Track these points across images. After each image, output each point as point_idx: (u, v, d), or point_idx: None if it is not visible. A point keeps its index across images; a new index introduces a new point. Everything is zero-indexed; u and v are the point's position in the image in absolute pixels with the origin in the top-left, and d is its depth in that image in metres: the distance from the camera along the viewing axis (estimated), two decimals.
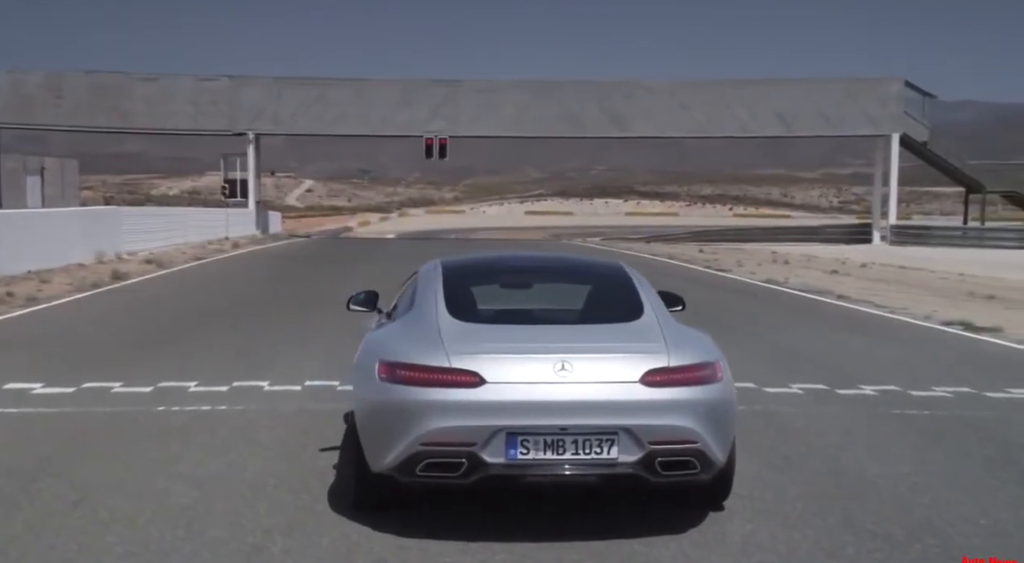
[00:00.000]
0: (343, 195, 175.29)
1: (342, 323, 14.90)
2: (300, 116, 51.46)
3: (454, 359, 5.46)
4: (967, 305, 17.92)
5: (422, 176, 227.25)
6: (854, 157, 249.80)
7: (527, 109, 50.31)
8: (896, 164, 49.21)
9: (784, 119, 50.22)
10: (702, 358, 5.61)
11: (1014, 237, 47.48)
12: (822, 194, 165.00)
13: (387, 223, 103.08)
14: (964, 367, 11.28)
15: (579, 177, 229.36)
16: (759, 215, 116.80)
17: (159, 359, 11.54)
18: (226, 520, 5.85)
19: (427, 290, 6.31)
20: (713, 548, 5.36)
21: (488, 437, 5.30)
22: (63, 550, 5.40)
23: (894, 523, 5.69)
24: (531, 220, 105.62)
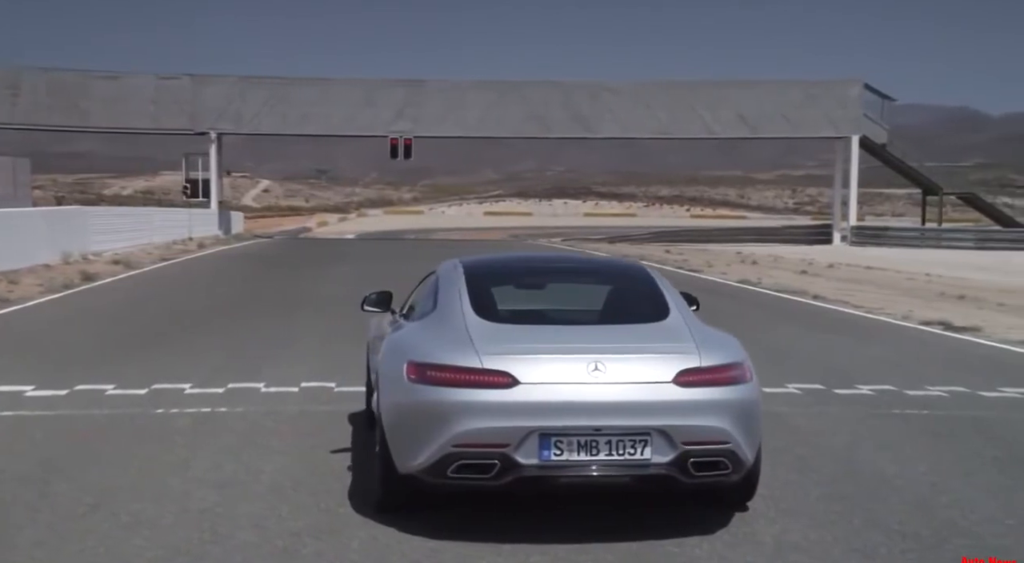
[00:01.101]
0: (300, 195, 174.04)
1: (327, 324, 14.92)
2: (263, 116, 51.07)
3: (486, 359, 5.44)
4: (940, 305, 18.18)
5: (380, 176, 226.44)
6: (807, 159, 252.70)
7: (492, 109, 50.34)
8: (856, 166, 49.83)
9: (746, 121, 50.67)
10: (732, 358, 5.65)
11: (971, 238, 48.33)
12: (777, 195, 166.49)
13: (346, 224, 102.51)
14: (953, 367, 11.44)
15: (536, 178, 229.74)
16: (716, 216, 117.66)
17: (147, 361, 11.41)
18: (251, 523, 5.80)
19: (450, 290, 6.29)
20: (747, 548, 5.37)
21: (522, 438, 5.28)
22: (91, 554, 5.33)
23: (920, 524, 5.73)
24: (490, 221, 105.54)
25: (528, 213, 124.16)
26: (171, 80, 51.76)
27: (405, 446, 5.60)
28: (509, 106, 50.46)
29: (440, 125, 50.38)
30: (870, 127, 49.93)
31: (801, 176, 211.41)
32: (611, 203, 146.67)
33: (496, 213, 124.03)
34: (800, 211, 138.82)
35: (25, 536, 5.58)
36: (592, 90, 51.76)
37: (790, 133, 52.49)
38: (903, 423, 8.43)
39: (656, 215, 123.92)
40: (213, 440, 7.80)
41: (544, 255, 7.08)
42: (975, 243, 46.42)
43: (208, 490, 6.45)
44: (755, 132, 51.85)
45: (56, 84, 51.16)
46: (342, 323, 15.17)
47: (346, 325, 14.84)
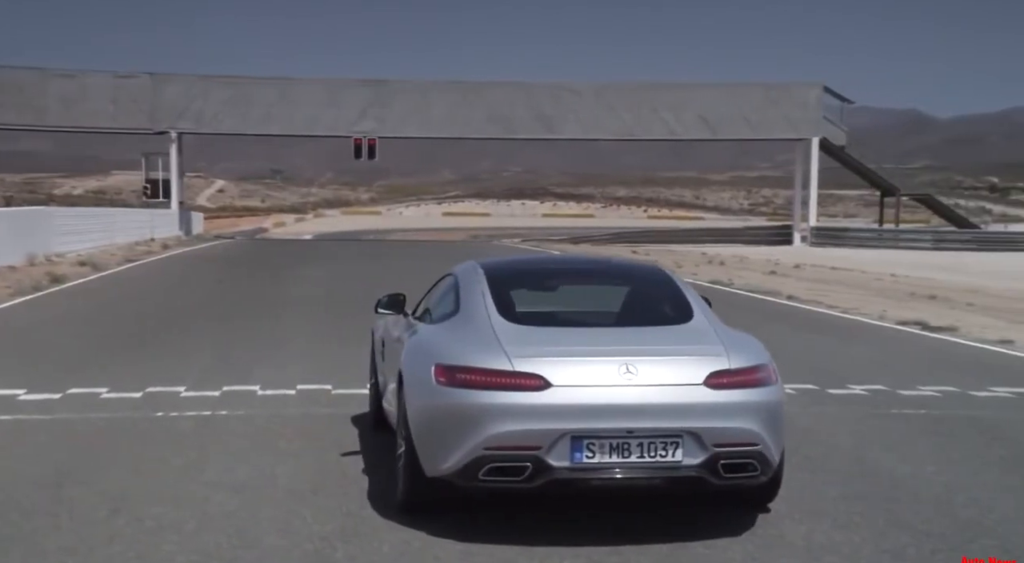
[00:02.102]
0: (256, 195, 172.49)
1: (311, 326, 14.86)
2: (224, 115, 50.63)
3: (517, 362, 5.45)
4: (912, 305, 18.47)
5: (335, 177, 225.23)
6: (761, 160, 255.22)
7: (456, 110, 50.32)
8: (816, 167, 50.42)
9: (708, 122, 51.08)
10: (758, 360, 5.71)
11: (928, 238, 49.15)
12: (732, 196, 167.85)
13: (303, 224, 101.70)
14: (939, 366, 11.64)
15: (494, 179, 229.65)
16: (673, 217, 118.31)
17: (135, 363, 11.32)
18: (276, 527, 5.78)
19: (472, 292, 6.28)
20: (779, 550, 5.40)
21: (554, 441, 5.30)
22: (122, 560, 5.29)
23: (943, 524, 5.80)
24: (449, 221, 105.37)
25: (486, 214, 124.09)
26: (130, 79, 51.12)
27: (434, 449, 5.59)
28: (473, 107, 50.48)
29: (404, 125, 50.26)
30: (829, 129, 50.55)
31: (755, 177, 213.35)
32: (569, 204, 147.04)
33: (454, 214, 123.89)
34: (755, 212, 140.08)
35: (52, 542, 5.52)
36: (555, 91, 51.90)
37: (751, 135, 53.00)
38: (903, 423, 8.55)
39: (614, 216, 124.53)
40: (221, 443, 7.76)
41: (560, 257, 7.08)
42: (932, 244, 47.20)
43: (226, 494, 6.41)
44: (716, 134, 52.29)
45: (9, 81, 50.29)
46: (326, 325, 15.14)
47: (331, 327, 14.83)
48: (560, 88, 52.45)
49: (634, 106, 50.71)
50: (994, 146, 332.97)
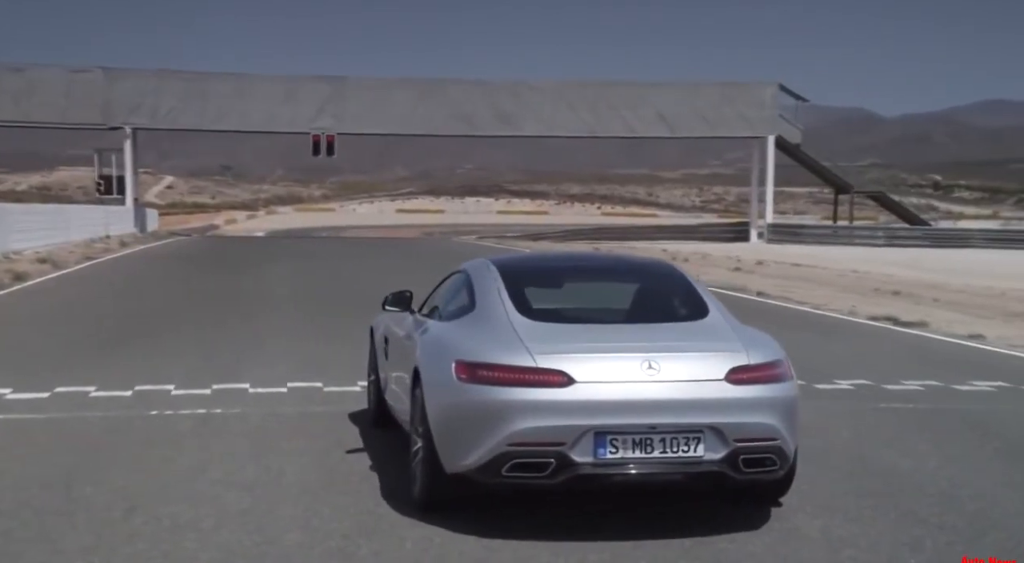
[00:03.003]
0: (206, 192, 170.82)
1: (289, 324, 14.79)
2: (179, 111, 50.09)
3: (540, 359, 5.48)
4: (880, 301, 18.76)
5: (287, 173, 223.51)
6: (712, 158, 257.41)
7: (416, 107, 50.19)
8: (772, 165, 50.97)
9: (666, 120, 51.42)
10: (775, 356, 5.79)
11: (881, 235, 49.97)
12: (685, 194, 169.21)
13: (255, 221, 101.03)
14: (917, 361, 11.84)
15: (447, 176, 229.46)
16: (627, 214, 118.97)
17: (118, 362, 11.24)
18: (296, 524, 5.77)
19: (487, 290, 6.30)
20: (798, 544, 5.46)
21: (578, 437, 5.34)
22: (145, 558, 5.26)
23: (953, 517, 5.89)
24: (403, 218, 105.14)
25: (441, 210, 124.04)
26: (82, 73, 50.38)
27: (454, 445, 5.61)
28: (432, 104, 50.39)
29: (363, 122, 50.05)
30: (785, 127, 51.11)
31: (707, 175, 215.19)
32: (523, 201, 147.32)
33: (408, 211, 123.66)
34: (707, 209, 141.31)
35: (70, 541, 5.48)
36: (515, 89, 51.96)
37: (708, 133, 53.45)
38: (894, 417, 8.70)
39: (568, 213, 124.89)
40: (222, 442, 7.72)
41: (570, 254, 7.12)
42: (885, 240, 48.00)
43: (238, 492, 6.39)
44: (674, 132, 52.68)
45: None
46: (303, 323, 15.08)
47: (309, 325, 14.78)
48: (520, 86, 52.52)
49: (593, 104, 50.94)
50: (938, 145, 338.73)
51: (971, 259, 35.70)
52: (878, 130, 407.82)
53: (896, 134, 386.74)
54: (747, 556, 5.29)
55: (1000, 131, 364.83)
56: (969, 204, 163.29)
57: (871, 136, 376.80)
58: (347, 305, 17.66)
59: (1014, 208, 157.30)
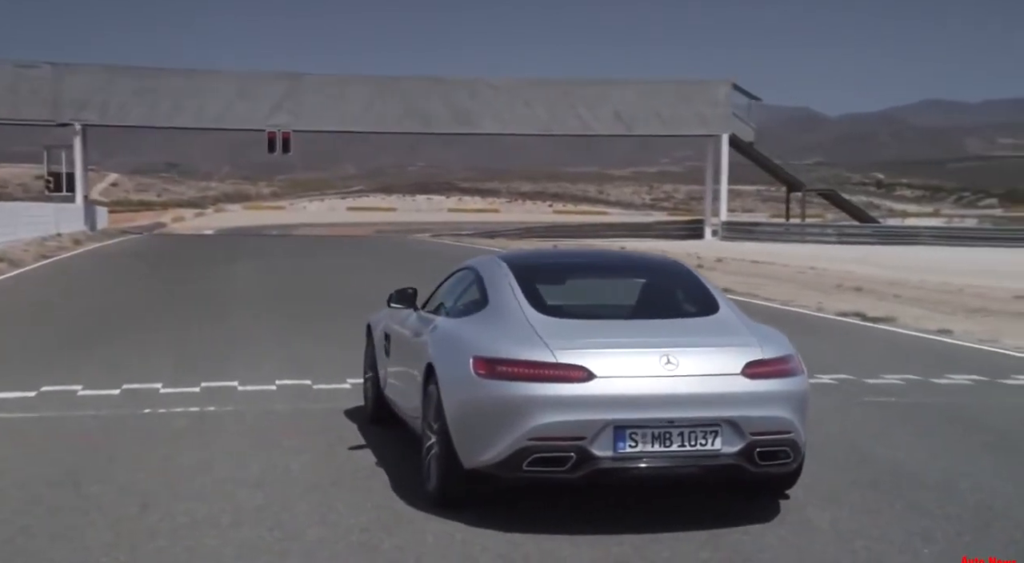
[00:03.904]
0: (152, 190, 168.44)
1: (264, 322, 14.72)
2: (131, 107, 49.37)
3: (559, 354, 5.55)
4: (844, 297, 19.06)
5: (234, 171, 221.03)
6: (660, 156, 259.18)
7: (372, 104, 49.97)
8: (726, 163, 51.48)
9: (622, 118, 51.70)
10: (787, 350, 5.91)
11: (832, 233, 50.71)
12: (635, 191, 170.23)
13: (203, 219, 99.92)
14: (892, 355, 12.07)
15: (398, 173, 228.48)
16: (578, 212, 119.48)
17: (100, 361, 11.17)
18: (313, 520, 5.79)
19: (500, 286, 6.36)
20: (811, 535, 5.57)
21: (598, 431, 5.41)
22: (170, 554, 5.27)
23: (958, 508, 6.03)
24: (354, 216, 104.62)
25: (392, 208, 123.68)
26: (31, 69, 49.44)
27: (473, 441, 5.66)
28: (389, 101, 50.19)
29: (319, 119, 49.73)
30: (738, 126, 51.61)
31: (656, 173, 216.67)
32: (474, 198, 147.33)
33: (359, 208, 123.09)
34: (657, 207, 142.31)
35: (90, 538, 5.48)
36: (472, 86, 51.90)
37: (663, 131, 53.81)
38: (880, 411, 8.88)
39: (520, 211, 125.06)
40: (222, 440, 7.71)
41: (578, 251, 7.19)
42: (836, 238, 48.69)
43: (248, 489, 6.39)
44: (630, 129, 52.98)
45: None
46: (280, 321, 15.04)
47: (286, 323, 14.75)
48: (477, 83, 52.47)
49: (551, 102, 51.06)
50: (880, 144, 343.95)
51: (921, 256, 36.34)
52: (822, 129, 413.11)
53: (840, 133, 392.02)
54: (763, 548, 5.38)
55: (940, 131, 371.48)
56: (911, 202, 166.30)
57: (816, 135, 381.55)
58: (320, 303, 17.64)
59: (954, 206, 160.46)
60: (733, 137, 51.12)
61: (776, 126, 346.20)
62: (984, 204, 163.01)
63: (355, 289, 20.62)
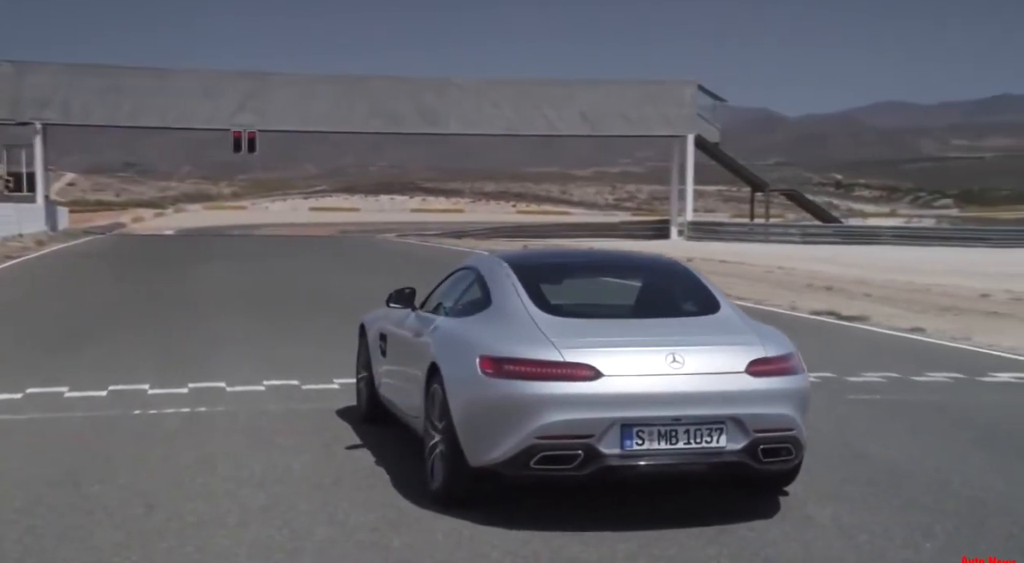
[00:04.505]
0: (110, 189, 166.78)
1: (243, 323, 14.67)
2: (93, 106, 48.84)
3: (566, 353, 5.60)
4: (816, 296, 19.29)
5: (194, 170, 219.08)
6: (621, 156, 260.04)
7: (339, 104, 49.77)
8: (692, 163, 51.83)
9: (588, 119, 51.90)
10: (789, 349, 6.01)
11: (796, 233, 51.21)
12: (598, 192, 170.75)
13: (163, 219, 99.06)
14: (871, 353, 12.24)
15: (360, 173, 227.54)
16: (542, 212, 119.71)
17: (82, 362, 11.13)
18: (320, 519, 5.81)
19: (502, 286, 6.39)
20: (814, 531, 5.64)
21: (605, 429, 5.47)
22: (181, 553, 5.28)
23: (953, 503, 6.14)
24: (317, 216, 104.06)
25: (356, 209, 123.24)
26: None
27: (480, 439, 5.70)
28: (357, 101, 50.02)
29: (285, 119, 49.46)
30: (703, 126, 51.98)
31: (618, 173, 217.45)
32: (438, 199, 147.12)
33: (322, 209, 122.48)
34: (620, 207, 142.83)
35: (100, 539, 5.47)
36: (439, 86, 51.85)
37: (629, 131, 54.08)
38: (867, 409, 9.01)
39: (484, 211, 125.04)
40: (219, 440, 7.71)
41: (576, 250, 7.25)
42: (800, 238, 49.18)
43: (252, 489, 6.40)
44: (596, 130, 53.21)
45: None
46: (259, 323, 15.01)
47: (266, 324, 14.73)
48: (444, 83, 52.41)
49: (517, 102, 51.15)
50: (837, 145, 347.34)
51: (885, 256, 36.81)
52: (781, 130, 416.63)
53: (798, 134, 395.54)
54: (769, 543, 5.44)
55: (895, 132, 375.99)
56: (868, 202, 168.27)
57: (775, 136, 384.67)
58: (296, 305, 17.61)
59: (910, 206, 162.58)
60: (698, 138, 51.47)
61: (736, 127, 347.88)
62: (939, 204, 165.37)
63: (329, 290, 20.61)
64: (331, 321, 15.09)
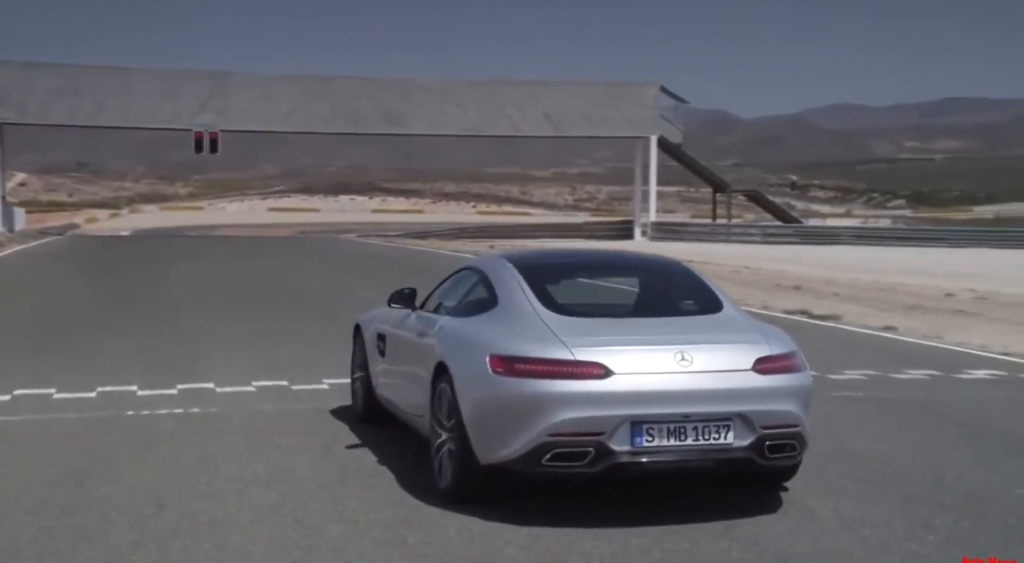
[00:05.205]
0: (63, 189, 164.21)
1: (223, 324, 14.67)
2: (52, 105, 48.07)
3: (577, 351, 5.70)
4: (786, 296, 19.55)
5: (148, 171, 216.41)
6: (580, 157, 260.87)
7: (301, 104, 49.44)
8: (655, 164, 52.13)
9: (551, 120, 52.01)
10: (792, 347, 6.14)
11: (757, 233, 51.69)
12: (558, 192, 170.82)
13: (119, 220, 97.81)
14: (848, 352, 12.43)
15: (319, 173, 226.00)
16: (502, 212, 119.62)
17: (68, 364, 11.11)
18: (331, 517, 5.86)
19: (508, 286, 6.47)
20: (819, 525, 5.76)
21: (616, 426, 5.57)
22: (198, 551, 5.31)
23: (950, 497, 6.28)
24: (276, 217, 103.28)
25: (315, 209, 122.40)
26: None
27: (492, 437, 5.78)
28: (319, 101, 49.70)
29: (247, 119, 49.00)
30: (666, 127, 52.26)
31: (577, 174, 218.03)
32: (398, 199, 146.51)
33: (281, 209, 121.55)
34: (580, 208, 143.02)
35: (115, 538, 5.50)
36: (403, 87, 51.69)
37: (592, 132, 54.27)
38: (852, 406, 9.17)
39: (444, 211, 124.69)
40: (218, 440, 7.73)
41: (580, 251, 7.36)
42: (761, 238, 49.65)
43: (259, 488, 6.44)
44: (559, 131, 53.33)
45: None
46: (238, 323, 14.97)
47: (245, 325, 14.69)
48: (408, 84, 52.26)
49: (481, 103, 51.11)
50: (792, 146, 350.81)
51: (846, 256, 37.25)
52: (737, 131, 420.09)
53: (753, 135, 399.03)
54: (777, 538, 5.55)
55: (847, 133, 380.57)
56: (824, 203, 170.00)
57: (731, 136, 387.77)
58: (274, 305, 17.60)
59: (865, 207, 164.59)
60: (661, 139, 51.78)
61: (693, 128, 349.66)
62: (893, 205, 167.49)
63: (306, 290, 20.58)
64: (311, 322, 15.11)
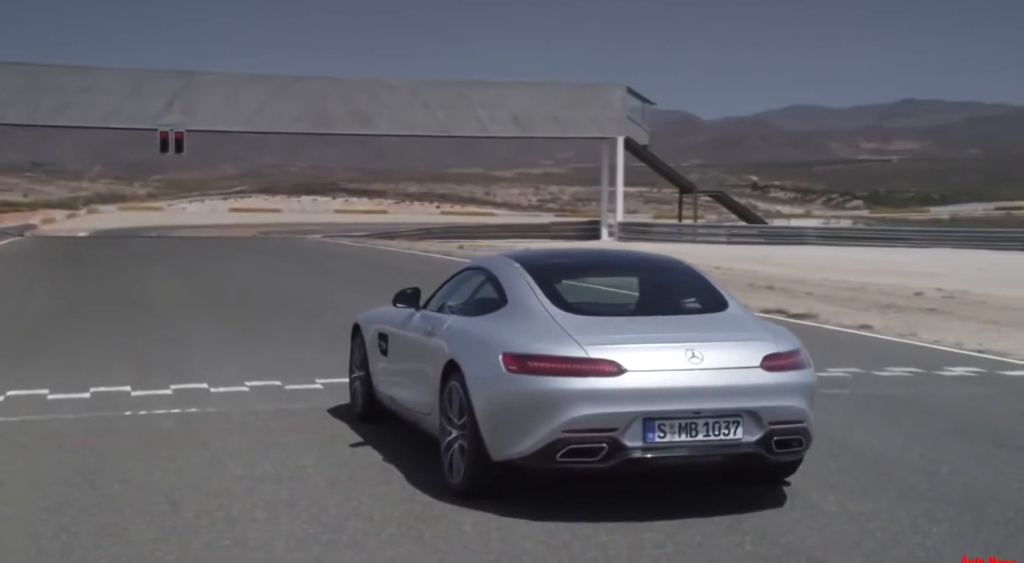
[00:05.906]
0: (17, 189, 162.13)
1: (210, 324, 14.65)
2: (12, 104, 47.47)
3: (590, 349, 5.80)
4: (761, 296, 19.75)
5: (105, 170, 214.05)
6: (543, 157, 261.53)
7: (268, 104, 49.19)
8: (622, 165, 52.43)
9: (519, 120, 52.16)
10: (796, 344, 6.29)
11: (723, 233, 52.12)
12: (521, 193, 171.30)
13: (76, 220, 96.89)
14: (829, 350, 12.49)
15: (280, 174, 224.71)
16: (466, 213, 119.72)
17: (56, 365, 11.04)
18: (347, 513, 5.92)
19: (518, 285, 6.55)
20: (824, 518, 5.88)
21: (629, 422, 5.69)
22: (219, 547, 5.37)
23: (949, 491, 6.42)
24: (237, 217, 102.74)
25: (277, 210, 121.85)
26: None
27: (505, 434, 5.87)
28: (287, 101, 49.46)
29: (214, 119, 48.69)
30: (633, 129, 52.60)
31: (540, 174, 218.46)
32: (361, 200, 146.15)
33: (243, 210, 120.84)
34: (544, 208, 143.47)
35: (135, 535, 5.53)
36: (371, 87, 51.59)
37: (560, 133, 54.49)
38: (840, 402, 9.29)
39: (407, 212, 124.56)
40: (220, 439, 7.75)
41: (587, 251, 7.45)
42: (727, 238, 50.06)
43: (270, 486, 6.48)
44: (527, 131, 53.49)
45: None
46: (221, 324, 14.94)
47: (228, 326, 14.66)
48: (376, 84, 52.18)
49: (449, 103, 51.13)
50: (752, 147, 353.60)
51: (812, 255, 37.64)
52: (698, 132, 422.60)
53: (714, 136, 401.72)
54: (786, 531, 5.66)
55: (807, 135, 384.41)
56: (784, 203, 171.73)
57: (692, 138, 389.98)
58: (253, 305, 17.57)
59: (824, 207, 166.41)
60: (628, 140, 52.11)
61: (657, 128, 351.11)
62: (851, 206, 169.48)
63: (284, 291, 20.50)
64: (294, 322, 15.13)
